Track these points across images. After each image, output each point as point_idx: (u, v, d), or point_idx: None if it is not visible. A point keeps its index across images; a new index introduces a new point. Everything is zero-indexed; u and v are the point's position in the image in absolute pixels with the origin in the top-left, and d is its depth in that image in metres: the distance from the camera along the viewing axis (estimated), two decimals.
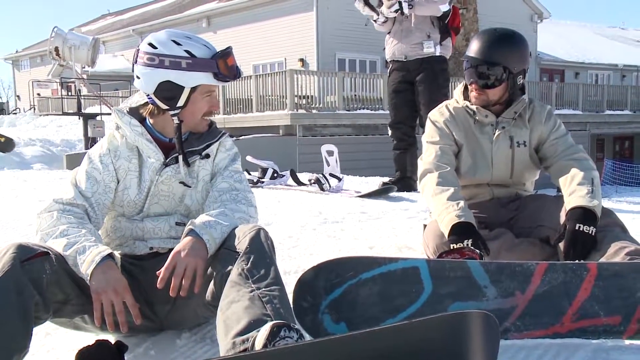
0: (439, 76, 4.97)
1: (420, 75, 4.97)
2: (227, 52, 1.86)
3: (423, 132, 2.80)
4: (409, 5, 4.84)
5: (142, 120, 1.94)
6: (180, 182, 1.91)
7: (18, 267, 1.54)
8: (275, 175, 5.65)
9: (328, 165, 5.36)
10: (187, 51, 1.82)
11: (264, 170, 5.57)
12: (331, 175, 5.27)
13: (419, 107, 5.03)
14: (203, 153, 1.93)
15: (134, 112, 1.95)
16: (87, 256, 1.64)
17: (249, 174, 5.46)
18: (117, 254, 1.90)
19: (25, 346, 1.52)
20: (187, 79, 1.83)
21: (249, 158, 5.50)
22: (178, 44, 1.82)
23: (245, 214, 1.84)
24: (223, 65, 1.83)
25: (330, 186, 5.13)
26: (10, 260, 1.54)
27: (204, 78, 1.83)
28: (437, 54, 4.94)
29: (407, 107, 5.13)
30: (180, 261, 1.64)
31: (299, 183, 5.47)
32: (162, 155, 1.90)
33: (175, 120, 1.88)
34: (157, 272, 1.66)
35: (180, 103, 1.85)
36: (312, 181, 5.21)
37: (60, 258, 1.65)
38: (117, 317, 1.62)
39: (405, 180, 5.18)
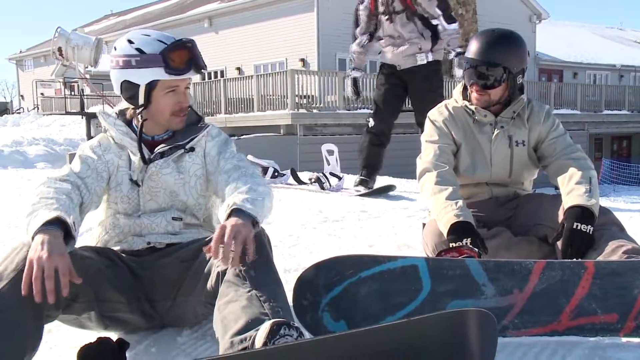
0: (432, 78, 4.90)
1: (413, 79, 4.92)
2: (176, 45, 1.84)
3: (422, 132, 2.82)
4: (456, 55, 4.79)
5: (130, 122, 1.97)
6: (130, 180, 1.91)
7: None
8: (276, 174, 5.67)
9: (328, 164, 5.37)
10: (137, 49, 1.84)
11: (265, 169, 5.59)
12: (331, 174, 5.28)
13: (416, 110, 5.00)
14: (187, 147, 1.94)
15: (123, 114, 1.99)
16: (34, 220, 1.59)
17: None
18: (116, 248, 1.91)
19: (36, 346, 1.53)
20: (139, 76, 1.85)
21: (249, 157, 5.51)
22: (131, 42, 1.85)
23: (264, 185, 1.84)
24: (173, 59, 1.82)
25: (330, 185, 5.14)
26: (23, 260, 1.54)
27: (155, 73, 1.83)
28: (430, 59, 4.87)
29: (396, 101, 5.06)
30: (237, 234, 1.55)
31: (300, 182, 5.49)
32: (146, 151, 1.92)
33: (139, 118, 1.91)
34: (206, 250, 1.59)
35: (141, 101, 1.88)
36: (313, 180, 5.23)
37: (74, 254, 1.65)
38: (45, 284, 1.48)
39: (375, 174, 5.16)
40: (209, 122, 2.03)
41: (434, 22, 4.72)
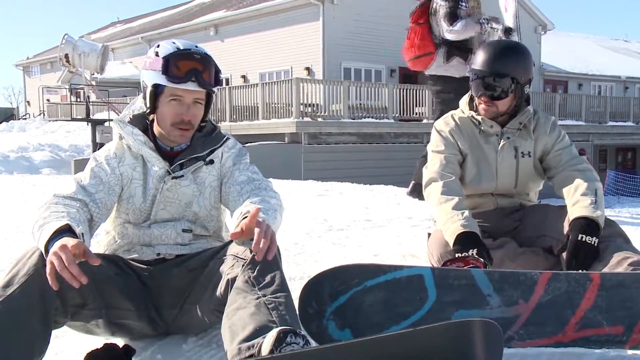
0: None
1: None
2: (181, 54, 1.79)
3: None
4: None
5: (146, 128, 1.94)
6: (144, 193, 1.88)
7: (42, 271, 1.54)
8: None
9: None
10: (156, 51, 1.83)
11: None
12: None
13: None
14: (207, 159, 1.92)
15: (138, 119, 1.95)
16: (45, 232, 1.58)
17: None
18: (126, 257, 1.91)
19: (43, 351, 1.54)
20: (146, 78, 1.85)
21: None
22: (158, 45, 1.85)
23: (277, 198, 1.84)
24: (176, 66, 1.76)
25: None
26: (34, 265, 1.56)
27: (157, 77, 1.80)
28: None
29: None
30: (264, 224, 1.57)
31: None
32: (165, 163, 1.89)
33: (149, 120, 1.91)
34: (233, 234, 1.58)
35: (147, 103, 1.87)
36: None
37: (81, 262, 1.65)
38: (71, 270, 1.45)
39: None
40: (225, 133, 2.01)
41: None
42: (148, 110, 1.89)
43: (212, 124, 2.01)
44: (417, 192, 5.06)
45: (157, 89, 1.83)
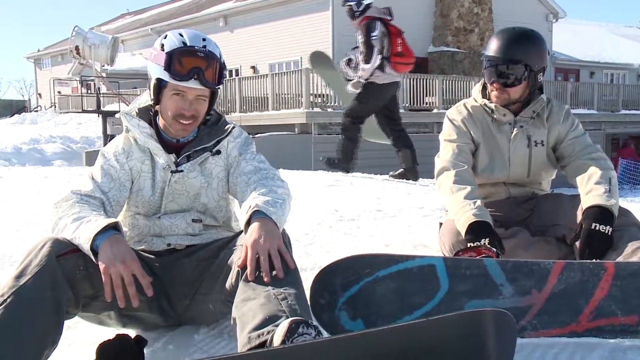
0: None
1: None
2: (183, 50, 1.77)
3: None
4: None
5: (152, 121, 1.94)
6: (153, 186, 1.90)
7: (54, 262, 1.56)
8: None
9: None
10: (161, 44, 1.81)
11: None
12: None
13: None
14: (214, 150, 1.92)
15: (144, 112, 1.95)
16: (92, 225, 1.62)
17: None
18: (136, 248, 1.92)
19: (56, 341, 1.55)
20: (151, 71, 1.84)
21: None
22: (165, 37, 1.84)
23: (284, 188, 1.83)
24: (179, 62, 1.76)
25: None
26: (47, 255, 1.57)
27: (158, 71, 1.80)
28: None
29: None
30: (262, 249, 1.57)
31: None
32: (169, 156, 1.89)
33: (151, 113, 1.92)
34: (239, 266, 1.59)
35: (151, 95, 1.87)
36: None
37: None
38: (128, 290, 1.58)
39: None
40: (230, 121, 2.00)
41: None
42: (152, 102, 1.89)
43: (217, 113, 2.00)
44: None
45: (160, 82, 1.82)
